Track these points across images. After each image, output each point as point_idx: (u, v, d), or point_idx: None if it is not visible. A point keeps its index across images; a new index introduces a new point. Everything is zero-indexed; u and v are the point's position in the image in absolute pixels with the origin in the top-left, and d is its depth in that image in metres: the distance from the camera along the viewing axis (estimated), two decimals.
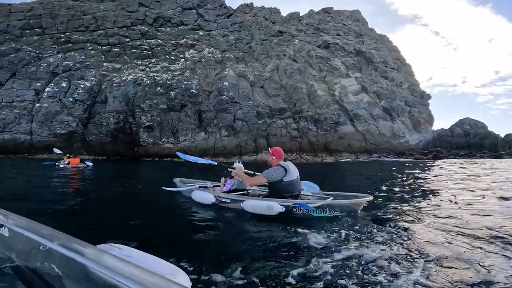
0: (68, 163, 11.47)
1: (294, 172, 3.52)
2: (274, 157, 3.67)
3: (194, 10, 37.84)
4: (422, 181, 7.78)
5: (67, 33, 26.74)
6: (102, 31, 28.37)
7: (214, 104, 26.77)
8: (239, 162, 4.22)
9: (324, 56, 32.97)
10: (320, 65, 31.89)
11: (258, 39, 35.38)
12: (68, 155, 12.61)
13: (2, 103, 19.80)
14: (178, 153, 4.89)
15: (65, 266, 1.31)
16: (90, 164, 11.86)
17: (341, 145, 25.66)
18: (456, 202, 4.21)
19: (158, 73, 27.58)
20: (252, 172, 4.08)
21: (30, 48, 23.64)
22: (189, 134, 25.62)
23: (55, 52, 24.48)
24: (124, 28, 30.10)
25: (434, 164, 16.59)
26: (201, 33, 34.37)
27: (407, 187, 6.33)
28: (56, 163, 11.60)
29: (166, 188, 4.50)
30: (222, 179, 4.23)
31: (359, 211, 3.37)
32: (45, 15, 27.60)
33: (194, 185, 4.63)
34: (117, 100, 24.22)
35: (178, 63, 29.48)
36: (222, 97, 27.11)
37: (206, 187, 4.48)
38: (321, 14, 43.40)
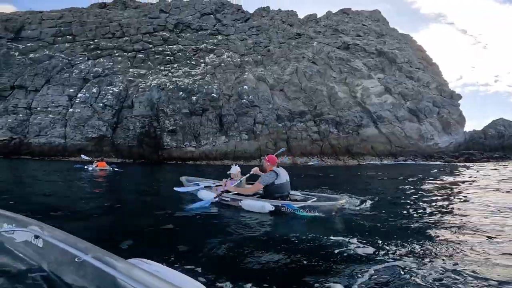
0: (96, 166, 12.11)
1: (284, 177, 4.15)
2: (269, 164, 4.33)
3: (212, 15, 38.71)
4: (456, 185, 7.46)
5: (95, 40, 28.17)
6: (127, 38, 29.66)
7: (234, 108, 27.15)
8: (236, 165, 4.96)
9: (344, 57, 32.66)
10: (340, 67, 31.60)
11: (276, 42, 35.63)
12: (97, 159, 13.30)
13: (38, 108, 21.15)
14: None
15: (96, 278, 1.35)
16: (116, 168, 12.39)
17: (364, 148, 25.20)
18: (499, 210, 4.05)
19: (180, 78, 28.40)
20: (249, 174, 4.75)
21: (62, 55, 25.11)
22: (210, 137, 26.09)
23: (86, 59, 25.85)
24: (147, 35, 31.30)
25: (467, 167, 15.92)
26: (219, 37, 35.09)
27: (439, 192, 6.09)
28: (85, 166, 12.34)
29: (177, 189, 5.11)
30: (224, 180, 4.83)
31: (333, 213, 3.86)
32: (74, 23, 29.22)
33: (199, 184, 5.27)
34: (143, 105, 25.15)
35: (199, 68, 30.23)
36: (242, 101, 27.47)
37: (210, 187, 5.08)
38: (339, 15, 43.06)
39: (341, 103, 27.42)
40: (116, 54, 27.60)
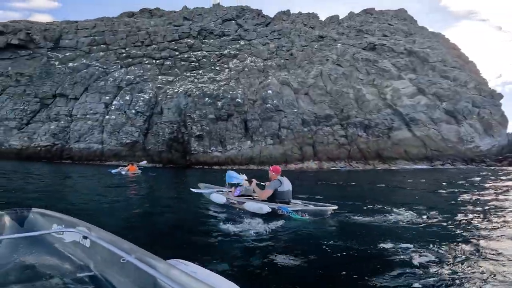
0: (128, 170, 13.29)
1: (287, 186, 4.77)
2: (274, 173, 4.90)
3: (233, 21, 39.39)
4: (503, 192, 6.97)
5: (126, 48, 29.60)
6: (155, 46, 30.90)
7: (259, 113, 27.23)
8: (243, 174, 5.86)
9: (371, 58, 31.83)
10: (367, 68, 30.82)
11: (299, 46, 35.49)
12: (128, 163, 14.57)
13: (78, 116, 22.54)
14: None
15: (138, 278, 1.39)
16: (142, 166, 13.91)
17: (395, 152, 24.21)
18: None
19: (205, 84, 29.04)
20: (257, 182, 5.34)
21: (98, 64, 26.64)
22: (236, 143, 26.29)
23: (119, 67, 27.22)
24: (173, 42, 32.42)
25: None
26: (242, 42, 35.58)
27: (486, 200, 5.75)
28: (118, 170, 13.44)
29: (193, 190, 5.96)
30: (232, 188, 5.66)
31: (326, 216, 4.46)
32: (107, 32, 30.92)
33: (213, 190, 6.12)
34: (171, 111, 25.95)
35: (223, 73, 30.76)
36: (267, 105, 27.50)
37: (222, 191, 5.89)
38: (362, 15, 42.17)
39: (370, 105, 26.64)
40: (146, 62, 28.82)
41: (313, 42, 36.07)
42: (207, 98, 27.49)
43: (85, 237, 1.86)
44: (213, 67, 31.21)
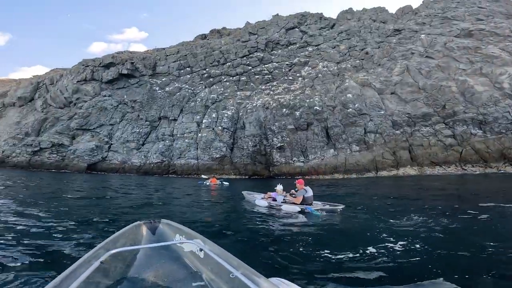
0: (210, 181, 15.96)
1: (310, 193, 6.94)
2: (300, 185, 7.08)
3: (296, 29, 39.53)
4: None
5: (206, 69, 32.35)
6: (229, 63, 32.96)
7: (340, 119, 25.97)
8: (280, 185, 7.99)
9: (471, 45, 27.55)
10: (468, 57, 26.71)
11: (373, 43, 33.25)
12: (210, 176, 18.15)
13: (178, 135, 25.30)
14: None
15: None
16: (226, 183, 16.11)
17: None
18: None
19: (281, 95, 29.37)
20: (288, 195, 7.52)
21: (187, 86, 29.76)
22: (318, 152, 25.48)
23: (203, 87, 29.84)
24: (245, 58, 34.09)
25: None
26: (310, 49, 35.21)
27: None
28: (204, 182, 16.23)
29: (243, 193, 9.12)
30: (268, 193, 7.85)
31: (337, 212, 6.63)
32: (189, 55, 34.43)
33: (254, 196, 8.38)
34: (252, 125, 26.85)
35: (297, 82, 30.69)
36: (348, 110, 26.07)
37: (263, 198, 7.85)
38: (441, 1, 37.51)
39: (482, 98, 22.66)
40: (224, 80, 30.86)
41: (389, 37, 33.33)
42: (284, 109, 27.64)
43: (200, 249, 2.08)
44: (285, 77, 31.50)
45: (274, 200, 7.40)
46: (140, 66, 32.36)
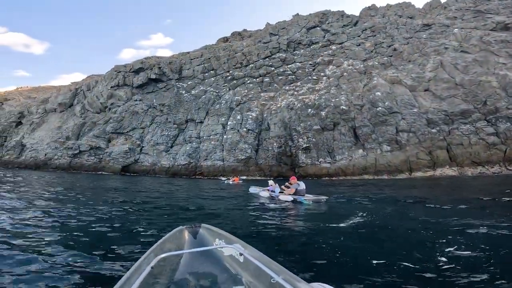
0: (233, 180, 17.56)
1: (302, 186, 9.10)
2: (293, 181, 9.46)
3: (318, 28, 38.81)
4: None
5: (230, 71, 32.75)
6: (252, 65, 33.06)
7: (369, 118, 24.97)
8: (271, 180, 11.41)
9: (509, 38, 25.45)
10: (507, 50, 24.64)
11: (401, 39, 31.71)
12: (233, 176, 19.88)
13: (204, 137, 25.88)
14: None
15: None
16: (243, 180, 17.42)
17: None
18: None
19: (305, 95, 28.92)
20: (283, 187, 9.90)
21: (211, 89, 30.36)
22: (346, 152, 24.67)
23: (228, 89, 30.28)
24: (267, 59, 34.04)
25: None
26: (333, 47, 34.38)
27: None
28: (226, 181, 17.92)
29: (250, 190, 11.71)
30: (267, 187, 10.68)
31: (321, 202, 8.62)
32: (212, 58, 35.13)
33: (258, 189, 11.17)
34: (277, 126, 26.67)
35: (321, 82, 30.05)
36: (377, 109, 24.99)
37: (264, 190, 10.58)
38: None
39: None
40: (248, 82, 31.02)
41: (418, 32, 31.65)
42: (309, 109, 27.15)
43: (240, 254, 2.11)
44: (309, 77, 30.99)
45: (273, 191, 9.88)
46: (167, 71, 33.50)
